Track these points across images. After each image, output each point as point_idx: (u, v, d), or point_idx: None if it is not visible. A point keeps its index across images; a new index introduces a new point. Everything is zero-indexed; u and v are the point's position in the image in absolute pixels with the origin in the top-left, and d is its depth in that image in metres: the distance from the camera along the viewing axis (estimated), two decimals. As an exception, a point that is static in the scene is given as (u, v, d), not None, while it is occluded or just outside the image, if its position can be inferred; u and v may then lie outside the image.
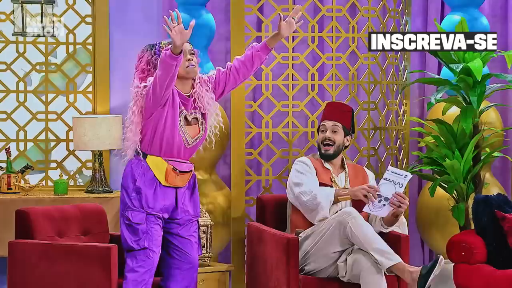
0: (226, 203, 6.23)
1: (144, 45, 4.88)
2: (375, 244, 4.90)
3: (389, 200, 5.03)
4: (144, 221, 4.66)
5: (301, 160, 5.30)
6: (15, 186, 6.04)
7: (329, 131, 5.28)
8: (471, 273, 5.18)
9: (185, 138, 4.74)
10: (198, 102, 4.79)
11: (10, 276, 4.81)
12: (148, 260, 4.63)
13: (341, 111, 5.32)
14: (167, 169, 4.70)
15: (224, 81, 4.86)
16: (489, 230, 5.29)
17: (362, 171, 5.38)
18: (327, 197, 5.11)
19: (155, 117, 4.68)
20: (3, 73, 6.34)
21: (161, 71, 4.55)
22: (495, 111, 6.51)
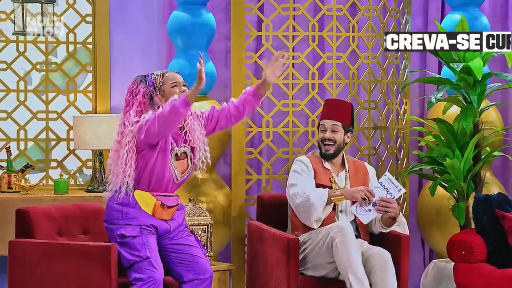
0: (227, 202, 6.23)
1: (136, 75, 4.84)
2: (355, 270, 4.86)
3: (376, 205, 5.02)
4: (139, 233, 4.64)
5: (300, 160, 5.29)
6: (16, 185, 6.05)
7: (328, 131, 5.25)
8: (472, 272, 5.18)
9: (174, 175, 4.74)
10: (189, 135, 4.77)
11: (10, 275, 4.81)
12: (154, 269, 4.59)
13: (340, 108, 5.28)
14: (155, 205, 4.70)
15: (216, 120, 4.85)
16: (489, 229, 5.29)
17: (362, 168, 5.36)
18: (320, 198, 5.08)
19: (146, 153, 4.67)
20: (3, 72, 6.34)
21: (170, 117, 4.50)
22: (495, 110, 6.51)
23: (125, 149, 4.64)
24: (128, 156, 4.64)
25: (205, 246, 5.46)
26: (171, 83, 4.74)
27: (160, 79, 4.75)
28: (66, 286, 4.66)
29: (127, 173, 4.64)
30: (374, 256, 4.98)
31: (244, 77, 5.94)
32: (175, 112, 4.50)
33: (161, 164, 4.68)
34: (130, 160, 4.64)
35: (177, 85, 4.75)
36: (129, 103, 4.74)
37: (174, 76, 4.77)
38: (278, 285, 5.12)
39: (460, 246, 5.25)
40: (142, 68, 6.55)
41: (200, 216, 5.47)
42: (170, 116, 4.51)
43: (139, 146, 4.67)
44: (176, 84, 4.75)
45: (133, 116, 4.67)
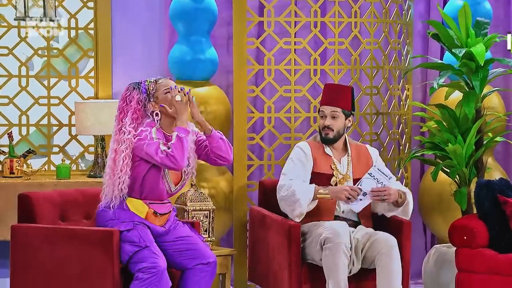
0: (228, 188, 6.24)
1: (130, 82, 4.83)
2: (337, 279, 4.86)
3: (367, 195, 5.01)
4: (133, 227, 4.64)
5: (299, 146, 5.25)
6: (18, 171, 6.05)
7: (328, 118, 5.21)
8: (473, 257, 5.19)
9: (168, 186, 4.75)
10: None
11: (13, 259, 4.82)
12: (156, 256, 4.57)
13: (340, 93, 5.23)
14: (147, 213, 4.71)
15: (202, 150, 4.86)
16: (491, 215, 5.29)
17: (365, 152, 5.33)
18: (306, 194, 5.05)
19: (140, 163, 4.68)
20: (5, 58, 6.34)
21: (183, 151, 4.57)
22: (497, 96, 6.51)
23: (121, 155, 4.64)
24: (124, 163, 4.65)
25: (207, 232, 5.46)
26: (164, 90, 4.74)
27: (153, 86, 4.75)
28: (68, 271, 4.67)
29: (122, 179, 4.65)
30: (380, 241, 4.98)
31: (245, 63, 5.93)
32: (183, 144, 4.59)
33: (154, 175, 4.70)
34: (126, 167, 4.65)
35: (170, 92, 4.75)
36: (123, 110, 4.74)
37: (167, 83, 4.77)
38: (280, 270, 5.13)
39: (462, 231, 5.26)
40: (144, 54, 6.56)
41: (202, 201, 5.47)
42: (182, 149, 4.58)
43: (134, 158, 4.68)
44: (169, 91, 4.75)
45: (129, 123, 4.67)
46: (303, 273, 5.06)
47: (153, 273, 4.52)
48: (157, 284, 4.52)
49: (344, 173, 5.22)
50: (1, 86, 6.33)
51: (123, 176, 4.65)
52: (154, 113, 4.74)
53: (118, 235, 4.60)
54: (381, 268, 4.94)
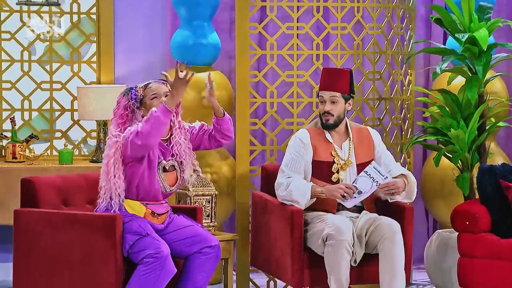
0: (231, 173, 6.24)
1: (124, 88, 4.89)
2: (338, 275, 4.87)
3: (362, 193, 5.00)
4: (131, 219, 4.65)
5: (298, 136, 5.22)
6: (20, 155, 6.06)
7: (328, 103, 5.17)
8: (475, 242, 5.19)
9: (163, 187, 4.75)
10: (175, 149, 4.76)
11: (16, 244, 4.83)
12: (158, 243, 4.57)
13: (338, 77, 5.18)
14: (145, 213, 4.72)
15: (201, 140, 4.85)
16: (493, 200, 5.30)
17: (367, 135, 5.30)
18: (303, 195, 5.04)
19: (133, 166, 4.67)
20: (7, 43, 6.33)
21: (152, 128, 4.49)
22: (500, 81, 6.50)
23: (111, 161, 4.64)
24: (115, 168, 4.65)
25: (209, 217, 5.47)
26: (151, 95, 4.71)
27: (142, 91, 4.71)
28: (71, 256, 4.68)
29: (117, 184, 4.65)
30: (383, 227, 4.98)
31: (248, 47, 5.92)
32: (156, 122, 4.49)
33: (148, 177, 4.69)
34: (118, 171, 4.65)
35: (157, 97, 4.70)
36: (115, 115, 4.75)
37: (156, 88, 4.72)
38: (282, 256, 5.14)
39: (464, 216, 5.26)
40: (146, 39, 6.55)
41: (205, 186, 5.48)
42: (151, 127, 4.50)
43: (125, 159, 4.67)
44: (156, 96, 4.71)
45: (115, 129, 4.67)
46: (305, 258, 5.07)
47: (157, 258, 4.53)
48: (161, 269, 4.52)
49: (346, 158, 5.21)
50: (4, 71, 6.33)
51: (117, 181, 4.65)
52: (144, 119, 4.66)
53: (121, 220, 4.60)
54: (384, 253, 4.94)
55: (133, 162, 4.67)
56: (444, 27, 5.76)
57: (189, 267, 4.73)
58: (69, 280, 4.67)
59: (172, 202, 5.58)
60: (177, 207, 5.12)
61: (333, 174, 5.16)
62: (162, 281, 4.54)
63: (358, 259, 5.00)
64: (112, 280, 4.56)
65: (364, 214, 5.13)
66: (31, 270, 4.77)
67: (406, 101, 6.40)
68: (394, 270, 4.94)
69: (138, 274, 4.53)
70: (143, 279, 4.52)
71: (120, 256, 4.59)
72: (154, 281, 4.52)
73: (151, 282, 4.52)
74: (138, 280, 4.52)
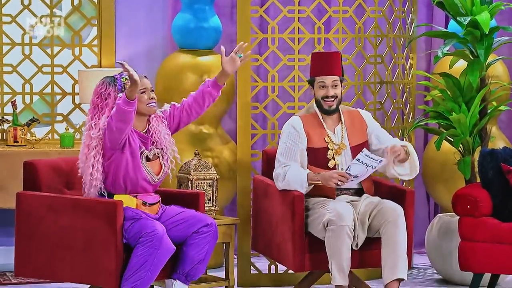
0: (232, 157, 6.24)
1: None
2: (339, 260, 4.88)
3: (358, 177, 5.00)
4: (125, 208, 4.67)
5: (290, 123, 5.21)
6: (22, 139, 6.05)
7: (330, 88, 5.17)
8: (476, 226, 5.20)
9: (150, 177, 4.76)
10: (155, 137, 4.79)
11: (18, 227, 4.83)
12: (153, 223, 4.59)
13: (333, 61, 5.20)
14: (136, 204, 4.72)
15: (179, 116, 4.89)
16: (494, 184, 5.29)
17: (358, 117, 5.30)
18: (301, 186, 5.05)
19: (116, 158, 4.69)
20: (8, 26, 6.31)
21: (120, 120, 4.54)
22: (502, 65, 6.48)
23: (92, 153, 4.67)
24: (95, 160, 4.68)
25: (211, 201, 5.47)
26: (140, 90, 4.71)
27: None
28: (72, 240, 4.68)
29: (94, 176, 4.68)
30: (386, 210, 4.99)
31: (249, 31, 5.90)
32: (122, 112, 4.53)
33: (133, 168, 4.71)
34: (97, 164, 4.68)
35: (146, 91, 4.74)
36: (97, 106, 4.75)
37: (143, 82, 4.73)
38: (283, 240, 5.14)
39: (465, 200, 5.26)
40: (147, 23, 6.54)
41: (206, 170, 5.47)
42: (119, 117, 4.55)
43: (106, 152, 4.69)
44: (145, 90, 4.74)
45: (103, 122, 4.68)
46: (306, 243, 5.07)
47: (153, 237, 4.54)
48: (158, 247, 4.53)
49: (339, 142, 5.20)
50: (5, 54, 6.32)
51: (95, 173, 4.67)
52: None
53: (121, 206, 4.60)
54: (387, 237, 4.95)
55: (116, 154, 4.68)
56: (446, 10, 5.75)
57: (187, 246, 4.74)
58: (70, 264, 4.68)
59: (173, 186, 5.59)
60: (178, 192, 5.12)
61: (329, 160, 5.16)
62: (160, 259, 4.56)
63: (360, 243, 5.01)
64: (112, 266, 4.57)
65: (365, 198, 5.13)
66: (33, 254, 4.78)
67: (407, 85, 6.39)
68: (397, 253, 4.94)
69: (136, 254, 4.54)
70: (141, 259, 4.53)
71: (121, 243, 4.59)
72: (153, 259, 4.53)
73: (150, 261, 4.53)
74: (137, 260, 4.53)
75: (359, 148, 5.12)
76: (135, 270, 4.52)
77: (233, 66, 4.86)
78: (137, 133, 4.76)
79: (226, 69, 4.84)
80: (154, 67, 6.46)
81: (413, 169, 5.17)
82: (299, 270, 5.11)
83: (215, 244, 4.78)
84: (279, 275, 5.90)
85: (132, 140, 4.71)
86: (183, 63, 6.26)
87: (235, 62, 4.86)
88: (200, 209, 4.95)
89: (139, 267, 4.52)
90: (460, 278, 5.79)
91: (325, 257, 4.96)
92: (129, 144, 4.69)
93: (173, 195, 5.06)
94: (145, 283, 4.55)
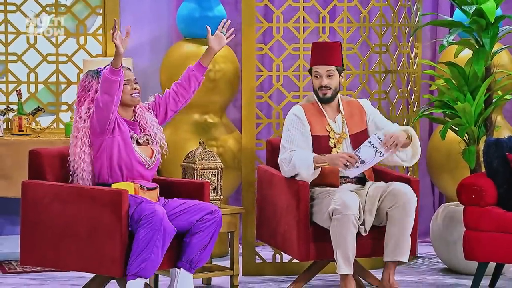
0: (237, 146, 6.24)
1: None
2: (345, 249, 4.89)
3: (364, 163, 5.00)
4: None
5: (293, 112, 5.23)
6: (27, 128, 6.06)
7: (324, 77, 5.19)
8: (481, 216, 5.19)
9: (144, 160, 4.79)
10: (142, 124, 4.85)
11: (23, 216, 4.84)
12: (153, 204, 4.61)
13: (331, 51, 5.21)
14: (134, 188, 4.74)
15: (165, 104, 4.95)
16: (499, 173, 5.29)
17: (357, 106, 5.31)
18: (307, 167, 5.04)
19: (107, 146, 4.72)
20: (13, 15, 6.32)
21: (106, 92, 4.60)
22: (507, 54, 6.47)
23: (79, 143, 4.73)
24: (81, 150, 4.75)
25: (215, 190, 5.48)
26: (124, 81, 4.75)
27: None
28: (77, 229, 4.69)
29: (81, 167, 4.75)
30: (397, 193, 5.00)
31: (254, 20, 5.89)
32: (107, 82, 4.60)
33: (125, 151, 4.75)
34: (83, 154, 4.75)
35: (129, 83, 4.80)
36: (81, 99, 4.81)
37: (126, 73, 4.79)
38: (288, 229, 5.15)
39: (470, 190, 5.26)
40: (152, 12, 6.53)
41: (210, 160, 5.48)
42: (105, 88, 4.61)
43: (96, 141, 4.74)
44: (128, 82, 4.80)
45: (85, 112, 4.75)
46: (310, 232, 5.08)
47: (153, 218, 4.54)
48: (159, 229, 4.54)
49: (340, 131, 5.21)
50: (10, 43, 6.32)
51: (81, 163, 4.74)
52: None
53: (127, 195, 4.61)
54: (394, 218, 4.97)
55: (106, 141, 4.72)
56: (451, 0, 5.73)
57: (192, 235, 4.74)
58: (75, 253, 4.69)
59: (178, 176, 5.59)
60: (182, 181, 5.12)
61: (332, 149, 5.16)
62: (162, 240, 4.56)
63: (368, 227, 5.02)
64: (117, 255, 4.58)
65: (371, 184, 5.14)
66: (38, 242, 4.79)
67: (412, 74, 6.38)
68: (401, 236, 4.98)
69: (137, 238, 4.55)
70: (143, 241, 4.53)
71: (126, 231, 4.60)
72: (154, 240, 4.53)
73: (152, 243, 4.53)
74: (138, 243, 4.54)
75: (358, 136, 5.15)
76: (138, 254, 4.53)
77: (220, 43, 4.98)
78: (125, 120, 4.82)
79: (213, 46, 4.95)
80: (159, 57, 6.46)
81: (415, 154, 5.19)
82: (304, 259, 5.12)
83: (219, 229, 4.79)
84: (283, 264, 5.91)
85: (122, 124, 4.77)
86: (187, 52, 6.25)
87: (221, 39, 4.99)
88: (205, 199, 4.96)
89: (142, 250, 4.53)
90: (464, 267, 5.79)
91: (329, 247, 4.97)
92: (119, 127, 4.75)
93: (178, 185, 5.06)
94: (149, 266, 4.55)
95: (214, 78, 6.22)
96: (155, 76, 6.36)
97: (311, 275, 5.34)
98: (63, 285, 5.54)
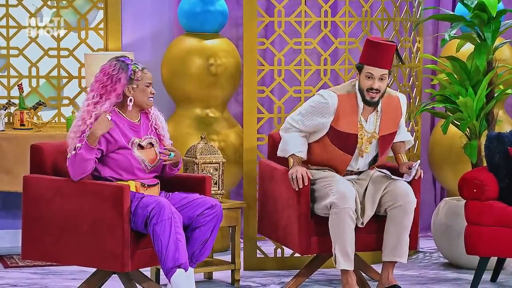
0: (238, 141, 6.24)
1: None
2: (343, 244, 4.89)
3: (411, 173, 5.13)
4: None
5: (325, 96, 5.09)
6: (28, 122, 6.06)
7: (377, 80, 5.02)
8: (483, 210, 5.20)
9: (143, 165, 4.76)
10: (156, 123, 4.83)
11: (25, 210, 4.84)
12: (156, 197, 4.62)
13: (388, 54, 5.03)
14: (136, 186, 4.73)
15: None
16: (501, 167, 5.29)
17: (396, 105, 5.19)
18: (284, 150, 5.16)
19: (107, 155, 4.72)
20: (14, 9, 6.31)
21: (80, 170, 4.60)
22: (509, 48, 6.47)
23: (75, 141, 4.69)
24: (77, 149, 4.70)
25: (217, 184, 5.48)
26: (147, 83, 4.74)
27: (139, 73, 4.71)
28: (79, 223, 4.69)
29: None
30: (399, 193, 5.00)
31: (256, 15, 5.89)
32: (82, 160, 4.60)
33: (124, 158, 4.71)
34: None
35: (150, 85, 4.78)
36: (105, 87, 4.70)
37: (148, 76, 4.77)
38: (289, 223, 5.15)
39: (471, 184, 5.26)
40: (154, 6, 6.52)
41: (212, 154, 5.48)
42: (78, 167, 4.61)
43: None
44: (149, 85, 4.77)
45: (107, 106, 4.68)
46: (312, 226, 5.08)
47: (160, 209, 4.53)
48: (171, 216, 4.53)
49: (371, 131, 5.13)
50: (11, 37, 6.32)
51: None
52: (129, 99, 4.71)
53: (128, 190, 4.61)
54: (394, 218, 4.98)
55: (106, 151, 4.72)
56: (453, -6, 5.73)
57: (193, 229, 4.73)
58: (77, 248, 4.69)
59: (180, 171, 5.58)
60: (184, 176, 5.12)
61: (359, 148, 5.10)
62: (177, 225, 4.55)
63: (366, 221, 5.02)
64: (119, 250, 4.58)
65: (373, 173, 5.13)
66: (40, 237, 4.79)
67: (414, 69, 6.38)
68: (400, 237, 4.97)
69: (157, 235, 4.53)
70: (164, 235, 4.51)
71: (128, 226, 4.59)
72: (174, 228, 4.53)
73: (173, 231, 4.52)
74: (161, 239, 4.52)
75: (386, 138, 5.13)
76: (166, 249, 4.52)
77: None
78: (128, 123, 4.75)
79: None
80: (160, 51, 6.45)
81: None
82: (305, 253, 5.12)
83: (220, 223, 4.79)
84: (285, 258, 5.91)
85: (116, 135, 4.69)
86: (189, 46, 6.25)
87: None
88: (207, 193, 4.96)
89: (168, 244, 4.52)
90: (466, 262, 5.79)
91: (331, 240, 4.97)
92: (109, 142, 4.69)
93: (179, 179, 5.06)
94: (181, 253, 4.52)
95: (216, 72, 6.22)
96: (156, 71, 6.36)
97: (312, 270, 5.35)
98: (64, 279, 5.55)
